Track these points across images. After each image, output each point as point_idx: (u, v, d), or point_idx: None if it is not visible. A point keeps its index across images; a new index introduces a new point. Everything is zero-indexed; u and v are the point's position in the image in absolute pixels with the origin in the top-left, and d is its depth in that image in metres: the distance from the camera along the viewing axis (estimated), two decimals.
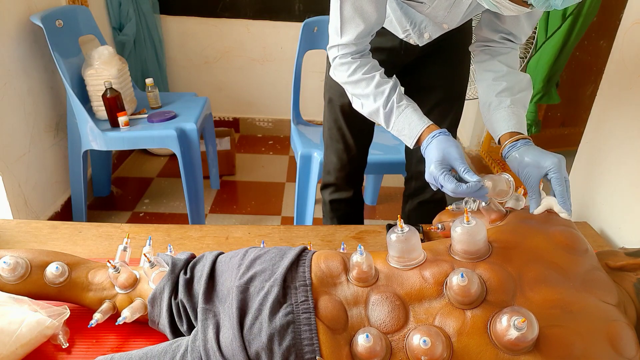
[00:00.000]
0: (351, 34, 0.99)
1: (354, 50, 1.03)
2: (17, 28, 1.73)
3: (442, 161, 0.90)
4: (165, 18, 2.80)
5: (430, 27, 1.12)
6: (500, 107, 1.03)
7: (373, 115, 1.04)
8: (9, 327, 0.80)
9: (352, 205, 1.55)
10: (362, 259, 0.79)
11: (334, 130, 1.40)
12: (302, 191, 1.84)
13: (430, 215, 1.13)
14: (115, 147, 1.92)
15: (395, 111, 1.00)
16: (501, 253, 0.80)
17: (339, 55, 1.04)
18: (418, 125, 0.97)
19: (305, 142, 1.87)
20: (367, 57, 1.06)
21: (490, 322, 0.71)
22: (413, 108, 1.00)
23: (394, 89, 1.01)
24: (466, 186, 0.85)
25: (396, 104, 1.00)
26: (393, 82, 1.03)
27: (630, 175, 1.28)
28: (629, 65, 1.29)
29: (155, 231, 1.24)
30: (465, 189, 0.85)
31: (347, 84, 1.05)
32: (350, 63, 1.03)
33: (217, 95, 2.98)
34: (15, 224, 1.25)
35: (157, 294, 0.86)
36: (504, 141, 1.00)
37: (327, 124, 1.43)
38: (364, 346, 0.71)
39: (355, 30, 0.99)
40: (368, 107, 1.04)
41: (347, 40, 1.01)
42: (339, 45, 1.03)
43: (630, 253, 0.89)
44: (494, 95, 1.05)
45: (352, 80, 1.03)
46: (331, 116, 1.40)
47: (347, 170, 1.46)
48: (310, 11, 2.77)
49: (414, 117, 0.99)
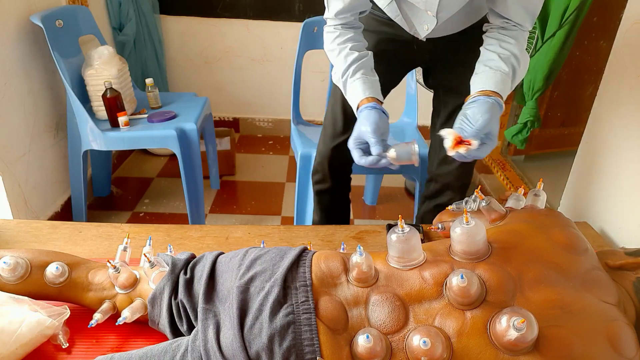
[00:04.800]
0: (333, 9, 1.10)
1: (337, 23, 1.12)
2: (17, 28, 1.73)
3: (357, 135, 0.98)
4: (165, 18, 2.80)
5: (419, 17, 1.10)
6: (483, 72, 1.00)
7: (339, 84, 1.10)
8: (9, 327, 0.80)
9: (335, 200, 1.58)
10: (362, 259, 0.79)
11: (329, 114, 1.45)
12: (302, 191, 1.83)
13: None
14: (115, 147, 1.91)
15: (349, 80, 1.07)
16: (501, 253, 0.80)
17: (325, 25, 1.15)
18: (358, 95, 1.04)
19: (305, 142, 1.86)
20: (349, 30, 1.13)
21: (490, 323, 0.71)
22: (363, 80, 1.06)
23: (357, 60, 1.08)
24: (365, 159, 0.95)
25: (351, 73, 1.07)
26: (360, 54, 1.09)
27: (630, 175, 1.28)
28: (629, 65, 1.29)
29: (155, 231, 1.24)
30: (365, 161, 0.95)
31: (327, 52, 1.15)
32: (332, 33, 1.13)
33: (217, 95, 2.98)
34: (15, 224, 1.25)
35: (157, 294, 0.86)
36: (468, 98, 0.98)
37: (328, 108, 1.48)
38: (365, 347, 0.71)
39: (336, 6, 1.08)
40: (335, 75, 1.11)
41: (331, 14, 1.11)
42: (327, 18, 1.14)
43: (630, 252, 0.89)
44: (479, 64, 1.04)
45: (329, 48, 1.13)
46: (332, 100, 1.45)
47: (329, 158, 1.47)
48: (310, 11, 2.77)
49: (359, 88, 1.04)
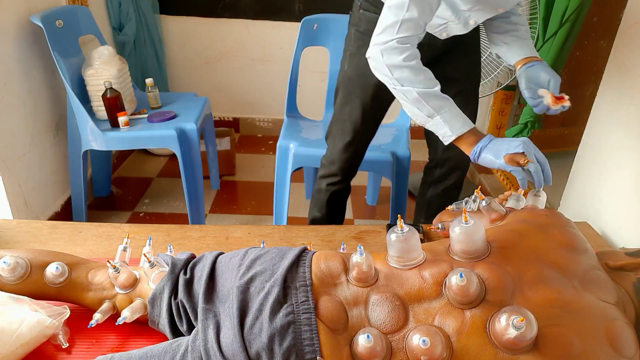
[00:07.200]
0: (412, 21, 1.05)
1: (410, 36, 1.06)
2: (17, 28, 1.73)
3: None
4: (165, 18, 2.80)
5: (477, 13, 1.16)
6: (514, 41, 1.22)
7: (419, 102, 1.07)
8: (9, 326, 0.80)
9: (344, 195, 1.64)
10: (362, 259, 0.79)
11: (348, 123, 1.44)
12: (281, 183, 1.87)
13: (453, 200, 1.18)
14: (115, 147, 1.92)
15: (446, 103, 1.07)
16: (500, 253, 0.80)
17: (396, 39, 1.05)
18: (466, 123, 1.07)
19: (288, 134, 1.89)
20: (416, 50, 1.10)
21: (489, 322, 0.71)
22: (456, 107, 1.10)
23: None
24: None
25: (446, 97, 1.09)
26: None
27: (630, 175, 1.28)
28: (629, 66, 1.30)
29: (155, 231, 1.24)
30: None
31: (398, 67, 1.07)
32: (408, 49, 1.06)
33: (217, 95, 2.98)
34: (15, 224, 1.26)
35: (157, 294, 0.86)
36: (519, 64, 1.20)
37: (340, 116, 1.47)
38: (365, 346, 0.71)
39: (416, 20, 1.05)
40: (413, 94, 1.07)
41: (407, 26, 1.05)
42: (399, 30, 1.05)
43: (631, 253, 0.89)
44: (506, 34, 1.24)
45: (407, 65, 1.06)
46: (347, 110, 1.43)
47: (349, 163, 1.53)
48: (310, 11, 2.75)
49: (461, 114, 1.08)
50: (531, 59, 1.19)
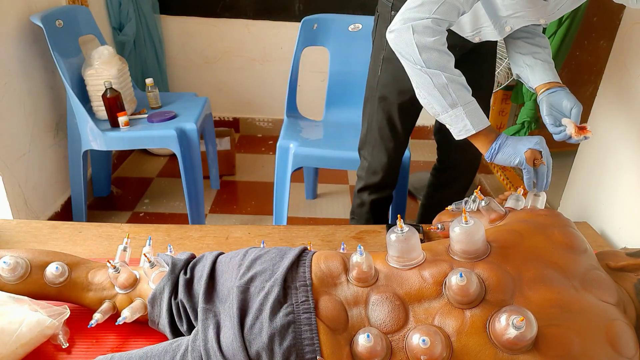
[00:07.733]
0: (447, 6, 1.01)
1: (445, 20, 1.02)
2: (17, 28, 1.73)
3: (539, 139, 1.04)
4: (165, 18, 2.80)
5: (516, 20, 1.12)
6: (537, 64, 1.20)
7: (445, 88, 1.03)
8: (9, 326, 0.80)
9: (388, 203, 1.63)
10: (362, 259, 0.79)
11: (386, 129, 1.42)
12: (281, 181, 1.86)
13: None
14: (115, 147, 1.91)
15: (470, 95, 1.05)
16: (500, 253, 0.80)
17: (432, 18, 1.00)
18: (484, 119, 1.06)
19: (288, 134, 1.89)
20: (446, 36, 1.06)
21: (489, 322, 0.71)
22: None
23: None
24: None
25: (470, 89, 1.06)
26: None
27: (630, 175, 1.28)
28: (629, 65, 1.30)
29: (155, 231, 1.24)
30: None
31: (428, 48, 1.02)
32: (440, 32, 1.02)
33: (217, 95, 2.98)
34: (15, 224, 1.26)
35: (157, 294, 0.86)
36: (541, 89, 1.17)
37: (376, 123, 1.44)
38: (365, 346, 0.71)
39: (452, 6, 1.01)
40: (441, 79, 1.02)
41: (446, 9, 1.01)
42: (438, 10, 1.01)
43: (631, 253, 0.89)
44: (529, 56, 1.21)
45: (437, 48, 1.02)
46: (383, 115, 1.41)
47: (393, 168, 1.52)
48: (310, 11, 2.75)
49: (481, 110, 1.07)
50: (554, 84, 1.16)
